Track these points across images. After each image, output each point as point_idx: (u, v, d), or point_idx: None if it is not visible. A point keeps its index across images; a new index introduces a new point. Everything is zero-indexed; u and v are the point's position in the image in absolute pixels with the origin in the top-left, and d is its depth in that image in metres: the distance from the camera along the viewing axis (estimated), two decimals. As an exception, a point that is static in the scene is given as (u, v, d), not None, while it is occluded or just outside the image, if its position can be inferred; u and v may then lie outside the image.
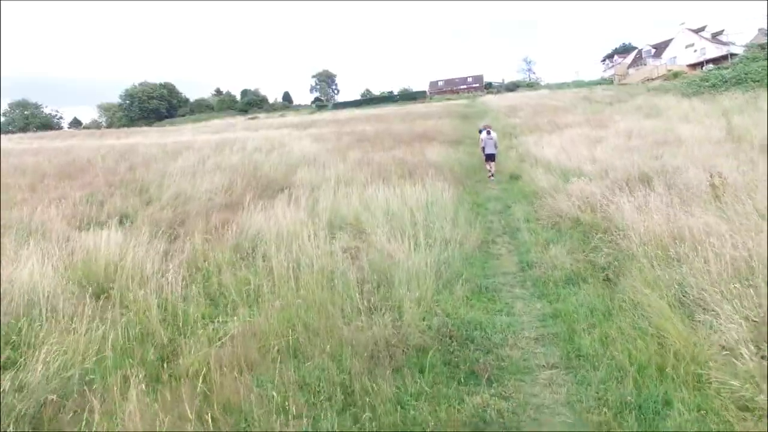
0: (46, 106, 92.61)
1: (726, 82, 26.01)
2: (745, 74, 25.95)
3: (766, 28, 50.20)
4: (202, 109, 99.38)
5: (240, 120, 68.97)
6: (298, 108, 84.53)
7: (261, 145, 18.73)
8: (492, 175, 13.09)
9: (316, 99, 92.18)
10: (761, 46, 32.37)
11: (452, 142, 19.47)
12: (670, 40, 56.64)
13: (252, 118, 79.88)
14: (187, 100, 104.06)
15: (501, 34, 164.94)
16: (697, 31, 53.56)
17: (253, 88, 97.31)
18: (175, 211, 8.89)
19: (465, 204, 8.96)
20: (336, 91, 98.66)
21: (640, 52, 62.22)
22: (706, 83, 27.85)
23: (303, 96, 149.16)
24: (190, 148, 18.05)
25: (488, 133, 13.67)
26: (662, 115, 21.85)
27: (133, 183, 11.32)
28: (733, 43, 53.30)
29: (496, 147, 13.50)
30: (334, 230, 7.10)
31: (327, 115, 53.03)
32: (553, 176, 10.28)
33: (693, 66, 51.22)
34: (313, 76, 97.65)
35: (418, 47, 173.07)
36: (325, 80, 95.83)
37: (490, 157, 13.29)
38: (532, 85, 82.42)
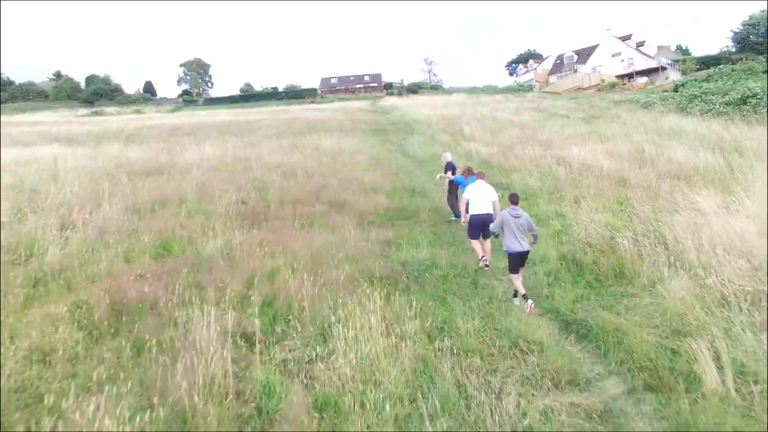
0: None
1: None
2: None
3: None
4: (31, 96, 75.85)
5: (59, 117, 49.77)
6: (162, 102, 66.62)
7: None
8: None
9: (185, 92, 74.17)
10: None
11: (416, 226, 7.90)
12: (594, 47, 51.49)
13: (95, 113, 60.75)
14: (11, 83, 79.08)
15: (396, 34, 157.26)
16: (623, 39, 48.74)
17: (102, 75, 76.01)
18: None
19: None
20: (210, 85, 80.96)
21: (561, 57, 56.63)
22: (719, 98, 19.94)
23: (171, 88, 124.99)
24: None
25: (513, 203, 6.01)
26: (732, 149, 12.62)
27: None
28: (650, 56, 49.51)
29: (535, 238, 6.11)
30: None
31: (172, 118, 38.20)
32: None
33: (621, 77, 46.25)
34: (182, 65, 78.65)
35: (309, 43, 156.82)
36: (197, 70, 77.45)
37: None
38: (435, 88, 74.62)
